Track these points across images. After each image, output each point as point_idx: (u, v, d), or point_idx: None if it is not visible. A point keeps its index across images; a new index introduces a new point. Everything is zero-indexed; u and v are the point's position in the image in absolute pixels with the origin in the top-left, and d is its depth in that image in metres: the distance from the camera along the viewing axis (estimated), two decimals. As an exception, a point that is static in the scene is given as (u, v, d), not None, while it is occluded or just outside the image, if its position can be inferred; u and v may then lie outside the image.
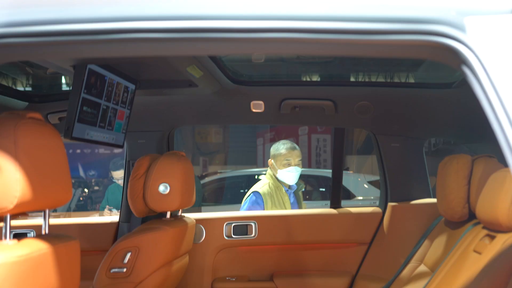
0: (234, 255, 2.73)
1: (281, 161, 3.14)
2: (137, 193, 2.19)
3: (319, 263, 2.72)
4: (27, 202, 1.28)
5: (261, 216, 2.77)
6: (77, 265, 1.54)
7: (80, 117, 1.89)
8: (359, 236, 2.67)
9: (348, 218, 2.72)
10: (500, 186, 1.50)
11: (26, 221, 2.82)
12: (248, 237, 2.70)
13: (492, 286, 1.29)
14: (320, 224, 2.74)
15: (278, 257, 2.75)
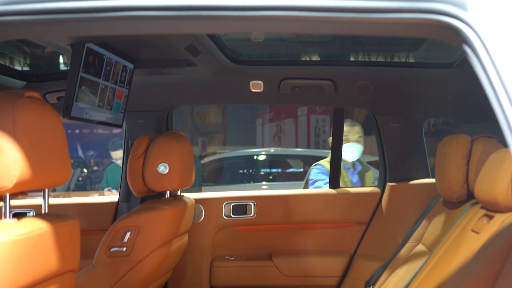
0: (233, 234, 2.76)
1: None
2: (136, 172, 2.19)
3: (318, 242, 2.74)
4: (26, 181, 1.28)
5: (260, 196, 2.80)
6: (77, 244, 1.55)
7: (79, 96, 1.88)
8: (357, 216, 2.69)
9: (346, 198, 2.74)
10: (499, 166, 1.51)
11: (25, 201, 2.83)
12: (247, 217, 2.72)
13: (489, 265, 1.30)
14: (318, 204, 2.76)
15: (277, 236, 2.77)
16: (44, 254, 1.36)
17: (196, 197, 2.65)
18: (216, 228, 2.74)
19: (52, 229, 1.39)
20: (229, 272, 2.71)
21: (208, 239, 2.72)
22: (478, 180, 1.64)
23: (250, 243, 2.77)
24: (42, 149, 1.36)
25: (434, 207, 2.26)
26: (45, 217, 1.42)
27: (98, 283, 2.06)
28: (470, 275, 1.35)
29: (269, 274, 2.68)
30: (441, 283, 1.55)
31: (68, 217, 1.51)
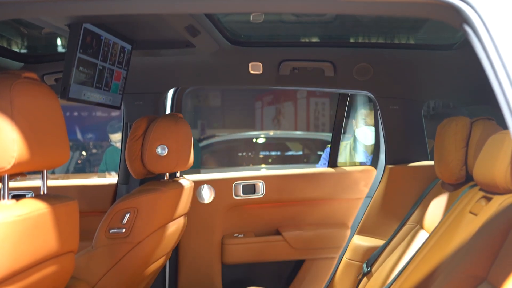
0: (242, 212, 2.84)
1: (359, 119, 3.28)
2: (135, 154, 2.19)
3: (320, 216, 2.86)
4: (24, 162, 1.28)
5: (268, 176, 2.88)
6: (76, 225, 1.56)
7: (76, 77, 1.87)
8: (354, 192, 2.80)
9: (344, 176, 2.81)
10: (498, 148, 1.50)
11: (24, 183, 2.83)
12: (255, 196, 2.81)
13: (487, 247, 1.30)
14: (319, 182, 2.86)
15: (283, 213, 2.87)
16: (43, 235, 1.37)
17: (207, 178, 2.76)
18: (226, 207, 2.81)
19: (51, 210, 1.39)
20: (238, 249, 2.81)
21: (218, 218, 2.80)
22: (477, 162, 1.64)
23: (258, 221, 2.87)
24: (40, 130, 1.35)
25: (433, 189, 2.26)
26: (43, 198, 1.42)
27: (97, 264, 2.07)
28: (468, 256, 1.36)
29: (277, 249, 2.80)
30: (439, 264, 1.56)
31: (67, 198, 1.51)
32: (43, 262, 1.40)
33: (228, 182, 2.82)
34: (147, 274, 2.22)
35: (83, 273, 2.00)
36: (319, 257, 2.80)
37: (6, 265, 1.24)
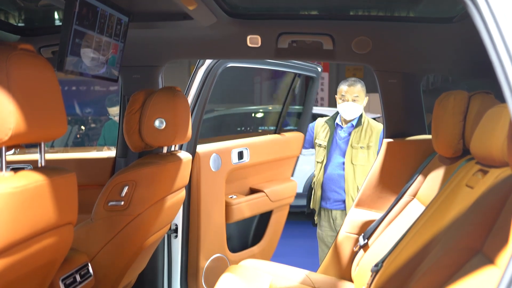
0: (233, 176, 3.18)
1: (338, 95, 3.56)
2: (133, 128, 2.19)
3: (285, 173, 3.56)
4: (21, 134, 1.28)
5: (250, 143, 3.31)
6: (75, 197, 1.57)
7: (73, 49, 1.85)
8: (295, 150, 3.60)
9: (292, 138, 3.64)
10: (496, 122, 1.50)
11: (22, 156, 2.84)
12: (243, 161, 3.22)
13: (482, 219, 1.31)
14: (284, 144, 3.52)
15: (266, 172, 3.45)
16: (41, 206, 1.38)
17: (213, 148, 3.04)
18: (227, 173, 3.11)
19: (49, 182, 1.39)
20: (234, 210, 3.16)
21: (222, 183, 3.08)
22: (474, 136, 1.65)
23: (244, 182, 3.33)
24: (37, 101, 1.35)
25: (430, 163, 2.27)
26: (42, 170, 1.42)
27: (96, 236, 2.09)
28: (463, 228, 1.37)
29: (261, 204, 3.31)
30: (434, 236, 1.57)
31: (65, 170, 1.52)
32: (42, 233, 1.42)
33: (228, 150, 3.11)
34: (146, 246, 2.25)
35: (83, 245, 2.02)
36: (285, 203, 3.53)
37: (5, 236, 1.25)
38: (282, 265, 2.50)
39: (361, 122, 3.56)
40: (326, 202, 3.61)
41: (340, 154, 3.56)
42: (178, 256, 2.91)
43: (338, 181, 3.54)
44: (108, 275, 2.12)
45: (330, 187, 3.58)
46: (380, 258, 1.93)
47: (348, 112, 3.52)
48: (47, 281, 1.62)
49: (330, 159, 3.59)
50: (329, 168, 3.58)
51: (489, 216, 1.28)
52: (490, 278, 1.09)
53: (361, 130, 3.53)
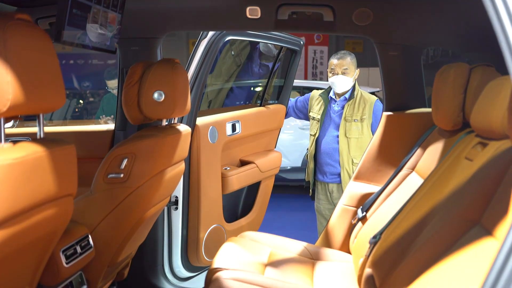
0: (227, 148, 3.23)
1: (329, 69, 3.58)
2: (132, 100, 2.17)
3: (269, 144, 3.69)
4: (20, 105, 1.27)
5: (242, 115, 3.37)
6: (74, 169, 1.56)
7: (70, 20, 1.83)
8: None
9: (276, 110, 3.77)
10: (496, 94, 1.50)
11: (21, 129, 2.83)
12: (236, 133, 3.29)
13: (481, 191, 1.32)
14: (270, 116, 3.60)
15: (256, 143, 3.56)
16: (40, 178, 1.38)
17: (209, 120, 3.07)
18: (222, 145, 3.16)
19: (48, 153, 1.39)
20: (229, 181, 3.21)
21: (220, 155, 3.13)
22: (474, 108, 1.64)
23: (235, 153, 3.40)
24: (35, 72, 1.34)
25: (429, 136, 2.27)
26: (40, 142, 1.42)
27: (96, 208, 2.10)
28: (462, 200, 1.38)
29: (252, 174, 3.40)
30: (433, 209, 1.58)
31: (64, 142, 1.51)
32: (42, 205, 1.42)
33: (223, 122, 3.18)
34: (146, 218, 2.26)
35: (82, 217, 2.03)
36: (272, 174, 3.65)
37: (5, 208, 1.25)
38: (280, 237, 2.53)
39: (354, 95, 3.57)
40: (323, 176, 3.65)
41: (334, 128, 3.59)
42: (179, 228, 2.94)
43: (333, 154, 3.57)
44: (108, 246, 2.14)
45: (325, 160, 3.61)
46: (378, 230, 1.94)
47: (338, 85, 3.54)
48: (47, 252, 1.63)
49: (324, 133, 3.61)
50: (323, 142, 3.61)
51: (488, 188, 1.28)
52: (488, 249, 1.10)
53: (354, 103, 3.54)
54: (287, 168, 6.60)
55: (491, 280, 0.75)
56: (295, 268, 2.18)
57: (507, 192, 1.17)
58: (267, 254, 2.28)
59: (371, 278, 1.70)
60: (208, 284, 1.97)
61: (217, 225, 3.14)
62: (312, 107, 3.76)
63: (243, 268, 2.05)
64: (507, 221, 1.06)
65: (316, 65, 11.81)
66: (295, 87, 8.05)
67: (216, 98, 4.06)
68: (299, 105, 3.92)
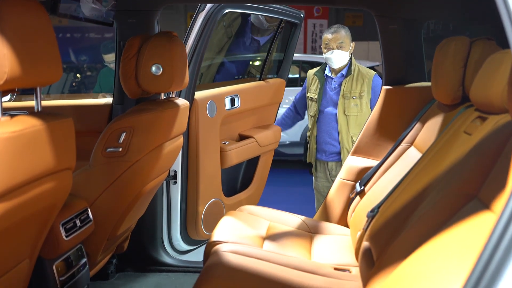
0: (226, 122, 3.21)
1: (323, 45, 3.45)
2: (129, 73, 2.16)
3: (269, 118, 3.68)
4: (16, 78, 1.26)
5: (241, 89, 3.37)
6: (72, 143, 1.56)
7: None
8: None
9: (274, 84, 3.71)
10: (497, 68, 1.49)
11: (19, 103, 2.82)
12: (235, 107, 3.28)
13: (479, 165, 1.32)
14: (268, 91, 3.60)
15: (256, 118, 3.56)
16: (39, 151, 1.37)
17: (208, 94, 3.07)
18: (221, 119, 3.15)
19: (46, 126, 1.39)
20: (227, 155, 3.21)
21: (218, 130, 3.13)
22: (474, 82, 1.63)
23: (234, 128, 3.40)
24: (32, 45, 1.32)
25: (429, 110, 2.26)
26: (38, 115, 1.41)
27: (95, 182, 2.11)
28: (460, 174, 1.38)
29: (251, 149, 3.39)
30: (431, 182, 1.58)
31: (62, 115, 1.51)
32: (41, 178, 1.42)
33: (221, 97, 3.17)
34: (145, 192, 2.27)
35: (82, 191, 2.04)
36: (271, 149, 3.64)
37: (4, 181, 1.26)
38: (279, 211, 2.54)
39: (351, 70, 3.45)
40: (322, 154, 3.57)
41: (332, 106, 3.48)
42: (177, 202, 2.96)
43: (332, 133, 3.49)
44: (108, 220, 2.15)
45: (324, 139, 3.53)
46: (376, 204, 1.95)
47: (334, 61, 3.41)
48: (47, 226, 1.64)
49: (322, 112, 3.52)
50: (322, 121, 3.52)
51: (486, 162, 1.28)
52: (485, 223, 1.11)
53: (352, 79, 3.43)
54: (286, 143, 6.61)
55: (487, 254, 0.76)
56: (293, 241, 2.19)
57: (505, 166, 1.17)
58: (265, 227, 2.30)
59: (368, 251, 1.71)
60: (207, 257, 1.98)
61: (216, 199, 3.16)
62: (309, 87, 3.64)
63: (242, 241, 2.07)
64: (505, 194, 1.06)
65: (316, 39, 11.72)
66: (294, 61, 8.00)
67: (207, 72, 3.99)
68: (303, 101, 3.74)
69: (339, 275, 1.89)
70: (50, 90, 6.63)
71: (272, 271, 1.79)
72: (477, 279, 0.73)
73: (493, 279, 0.71)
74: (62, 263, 1.84)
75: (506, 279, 0.72)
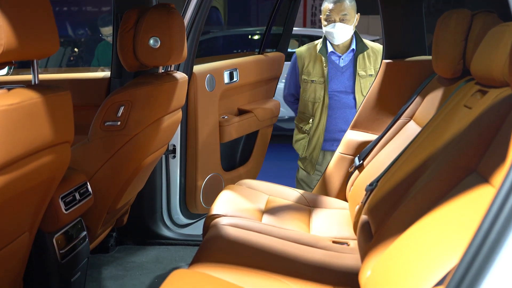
0: (224, 96, 3.18)
1: (323, 16, 2.99)
2: (127, 46, 2.14)
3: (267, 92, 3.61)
4: (13, 50, 1.25)
5: (240, 63, 3.32)
6: (70, 116, 1.56)
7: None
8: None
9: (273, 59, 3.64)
10: (498, 40, 1.47)
11: (15, 77, 2.80)
12: (234, 81, 3.23)
13: (479, 139, 1.31)
14: (267, 65, 3.52)
15: (254, 92, 3.52)
16: (36, 124, 1.37)
17: (206, 68, 3.04)
18: (221, 93, 3.13)
19: (43, 99, 1.38)
20: (226, 130, 3.18)
21: (217, 104, 3.11)
22: (475, 55, 1.62)
23: (233, 102, 3.36)
24: (28, 17, 1.31)
25: (429, 84, 2.25)
26: (35, 88, 1.40)
27: (94, 155, 2.10)
28: (460, 147, 1.37)
29: (250, 123, 3.35)
30: (429, 156, 1.58)
31: (59, 88, 1.50)
32: (39, 151, 1.42)
33: (220, 70, 3.12)
34: (144, 166, 2.27)
35: (81, 165, 2.04)
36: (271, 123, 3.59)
37: (2, 154, 1.25)
38: (278, 185, 2.55)
39: (361, 46, 3.05)
40: (332, 144, 3.08)
41: (345, 88, 3.07)
42: (177, 176, 2.96)
43: (349, 119, 2.94)
44: (107, 194, 2.16)
45: (339, 127, 3.05)
46: (375, 178, 1.95)
47: (337, 36, 2.97)
48: (46, 199, 1.65)
49: (334, 96, 3.06)
50: (334, 106, 3.06)
51: (486, 136, 1.28)
52: (484, 196, 1.11)
53: (364, 55, 3.05)
54: (285, 118, 6.60)
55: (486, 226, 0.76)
56: (292, 215, 2.21)
57: (505, 140, 1.17)
58: (264, 201, 2.31)
59: (366, 224, 1.72)
60: (206, 231, 2.00)
61: (215, 174, 3.16)
62: (306, 68, 3.12)
63: (241, 215, 2.08)
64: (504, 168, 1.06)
65: (315, 13, 11.59)
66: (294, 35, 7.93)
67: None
68: (297, 86, 3.25)
69: (337, 248, 1.91)
70: (47, 64, 6.58)
71: (270, 244, 1.81)
72: (475, 252, 0.74)
73: (491, 251, 0.71)
74: (62, 236, 1.85)
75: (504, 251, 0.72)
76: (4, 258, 1.48)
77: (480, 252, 0.72)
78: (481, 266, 0.71)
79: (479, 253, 0.73)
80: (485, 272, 0.71)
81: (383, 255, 1.25)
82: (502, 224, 0.73)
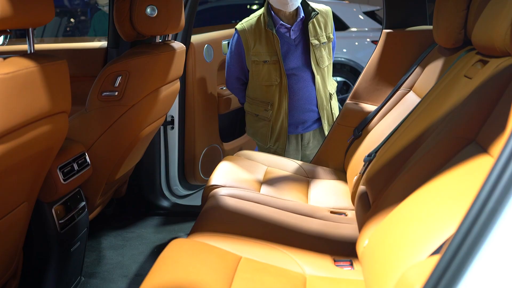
0: (224, 68, 3.01)
1: None
2: (124, 15, 2.11)
3: None
4: (7, 18, 1.23)
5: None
6: (67, 85, 1.54)
7: None
8: None
9: None
10: (500, 10, 1.45)
11: (11, 47, 2.77)
12: None
13: (478, 109, 1.31)
14: None
15: None
16: (33, 93, 1.36)
17: (204, 39, 3.02)
18: (219, 64, 3.13)
19: (40, 68, 1.36)
20: (225, 101, 3.19)
21: (216, 74, 3.10)
22: (476, 24, 1.59)
23: None
24: None
25: (429, 54, 2.23)
26: (31, 57, 1.39)
27: (92, 126, 2.10)
28: (458, 118, 1.37)
29: None
30: (429, 127, 1.58)
31: (56, 57, 1.48)
32: (37, 121, 1.41)
33: (218, 41, 3.09)
34: (142, 136, 2.26)
35: (78, 135, 2.04)
36: None
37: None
38: (276, 156, 2.55)
39: (309, 11, 2.65)
40: (298, 127, 2.78)
41: (302, 63, 2.69)
42: (175, 147, 2.96)
43: (311, 97, 2.72)
44: (106, 164, 2.16)
45: (303, 107, 2.73)
46: (373, 148, 1.95)
47: (290, 2, 2.51)
48: (44, 169, 1.64)
49: (293, 75, 2.68)
50: (294, 86, 2.69)
51: (486, 106, 1.27)
52: (482, 166, 1.11)
53: (313, 22, 2.67)
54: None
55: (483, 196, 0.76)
56: (291, 185, 2.21)
57: (504, 110, 1.16)
58: (263, 172, 2.31)
59: (364, 194, 1.73)
60: (205, 201, 2.00)
61: (213, 145, 3.16)
62: (251, 49, 2.64)
63: (239, 185, 2.08)
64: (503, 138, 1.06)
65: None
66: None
67: None
68: (244, 69, 2.75)
69: (335, 218, 1.92)
70: (44, 35, 6.51)
71: (269, 214, 1.82)
72: (472, 221, 0.74)
73: (489, 221, 0.71)
74: (61, 206, 1.86)
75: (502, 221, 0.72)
76: (3, 228, 1.49)
77: (477, 221, 0.72)
78: (478, 236, 0.71)
79: (476, 222, 0.73)
80: (482, 241, 0.71)
81: (380, 224, 1.26)
82: (500, 194, 0.73)
